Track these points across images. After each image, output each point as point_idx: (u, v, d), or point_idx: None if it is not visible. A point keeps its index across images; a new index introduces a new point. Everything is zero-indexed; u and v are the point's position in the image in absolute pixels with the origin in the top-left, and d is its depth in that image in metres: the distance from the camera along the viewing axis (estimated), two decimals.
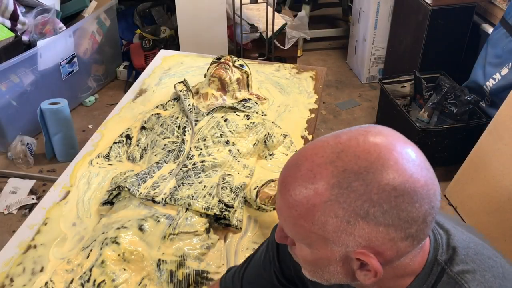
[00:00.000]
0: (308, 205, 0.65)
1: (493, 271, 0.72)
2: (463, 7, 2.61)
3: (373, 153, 0.63)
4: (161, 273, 1.23)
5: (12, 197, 2.37)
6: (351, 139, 0.66)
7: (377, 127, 0.68)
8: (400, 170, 0.63)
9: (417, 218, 0.64)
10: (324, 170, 0.64)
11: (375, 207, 0.62)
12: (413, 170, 0.64)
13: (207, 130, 1.60)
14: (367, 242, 0.64)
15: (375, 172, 0.62)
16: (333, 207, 0.64)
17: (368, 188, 0.62)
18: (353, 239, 0.65)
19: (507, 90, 2.16)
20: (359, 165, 0.63)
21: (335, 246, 0.66)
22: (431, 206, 0.65)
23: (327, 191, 0.64)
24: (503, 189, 2.00)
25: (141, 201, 1.39)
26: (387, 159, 0.63)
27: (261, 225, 1.42)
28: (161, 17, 3.46)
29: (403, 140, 0.67)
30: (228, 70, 1.79)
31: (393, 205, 0.62)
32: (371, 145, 0.64)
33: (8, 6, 2.56)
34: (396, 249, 0.66)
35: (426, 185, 0.64)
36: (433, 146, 2.40)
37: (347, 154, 0.64)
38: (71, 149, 2.57)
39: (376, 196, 0.62)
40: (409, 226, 0.64)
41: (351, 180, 0.63)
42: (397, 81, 2.72)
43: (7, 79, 2.52)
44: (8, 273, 1.27)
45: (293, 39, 3.16)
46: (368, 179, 0.62)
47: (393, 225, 0.63)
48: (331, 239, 0.66)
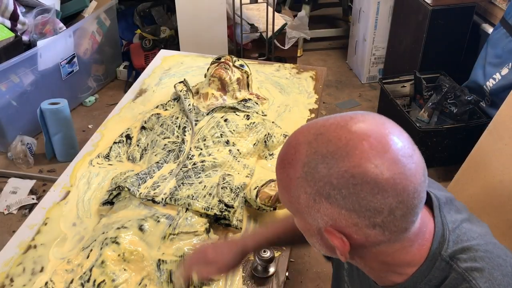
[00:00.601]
0: (287, 178, 0.71)
1: (502, 269, 0.72)
2: (463, 7, 2.61)
3: (343, 140, 0.66)
4: (161, 273, 1.23)
5: (12, 197, 2.37)
6: (333, 123, 0.69)
7: (366, 115, 0.70)
8: (363, 160, 0.65)
9: (380, 209, 0.65)
10: (302, 149, 0.69)
11: (335, 190, 0.66)
12: (379, 162, 0.65)
13: (207, 130, 1.60)
14: (332, 221, 0.68)
15: (338, 158, 0.65)
16: (303, 184, 0.69)
17: (330, 172, 0.66)
18: (320, 216, 0.69)
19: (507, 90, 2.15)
20: (328, 149, 0.67)
21: (309, 219, 0.71)
22: (398, 200, 0.65)
23: (300, 168, 0.69)
24: (503, 189, 2.00)
25: (141, 201, 1.39)
26: (353, 147, 0.65)
27: (261, 225, 1.42)
28: (161, 17, 3.46)
29: (385, 132, 0.68)
30: (228, 70, 1.79)
31: (351, 192, 0.65)
32: (345, 132, 0.67)
33: (8, 6, 2.56)
34: (363, 235, 0.68)
35: (392, 179, 0.65)
36: (433, 146, 2.40)
37: (323, 138, 0.68)
38: (71, 149, 2.57)
39: (335, 181, 0.66)
40: (373, 216, 0.66)
41: (318, 162, 0.67)
42: (397, 81, 2.73)
43: (7, 79, 2.52)
44: (8, 273, 1.27)
45: (293, 39, 3.16)
46: (331, 163, 0.66)
47: (354, 210, 0.66)
48: (305, 213, 0.71)
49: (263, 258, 1.23)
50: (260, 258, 1.23)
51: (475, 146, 2.19)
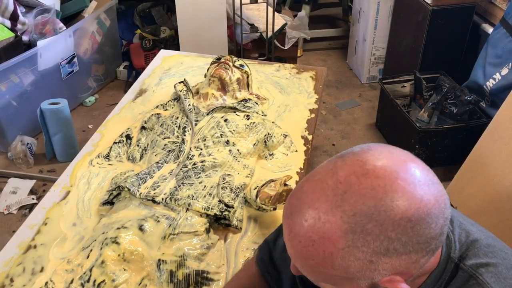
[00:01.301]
0: (324, 254, 0.63)
1: (506, 262, 0.73)
2: (463, 7, 2.61)
3: (378, 188, 0.61)
4: (161, 273, 1.23)
5: (12, 197, 2.37)
6: (349, 175, 0.63)
7: (371, 152, 0.65)
8: (410, 199, 0.61)
9: (435, 235, 0.64)
10: (333, 217, 0.62)
11: (394, 242, 0.61)
12: (422, 193, 0.62)
13: (207, 130, 1.60)
14: (392, 272, 0.64)
15: (386, 209, 0.60)
16: (352, 252, 0.62)
17: (383, 227, 0.61)
18: (378, 273, 0.64)
19: (507, 90, 2.16)
20: (368, 205, 0.61)
21: (360, 281, 0.65)
22: (445, 217, 0.65)
23: (342, 238, 0.62)
24: (503, 189, 2.00)
25: (141, 201, 1.39)
26: (394, 191, 0.61)
27: (261, 225, 1.42)
28: (161, 17, 3.46)
29: (403, 160, 0.65)
30: (228, 70, 1.79)
31: (411, 235, 0.62)
32: (373, 180, 0.61)
33: (8, 6, 2.56)
34: (419, 266, 0.66)
35: (437, 202, 0.63)
36: (433, 146, 2.40)
37: (351, 195, 0.61)
38: (71, 149, 2.57)
39: (393, 233, 0.61)
40: (429, 245, 0.64)
41: (364, 223, 0.61)
42: (397, 81, 2.72)
43: (7, 79, 2.52)
44: (8, 273, 1.27)
45: (293, 39, 3.16)
46: (381, 219, 0.60)
47: (414, 250, 0.63)
48: (355, 277, 0.65)
49: None
50: None
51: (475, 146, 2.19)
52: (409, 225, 0.61)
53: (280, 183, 1.32)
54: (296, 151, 1.69)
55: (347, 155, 0.66)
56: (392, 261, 0.63)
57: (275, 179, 1.39)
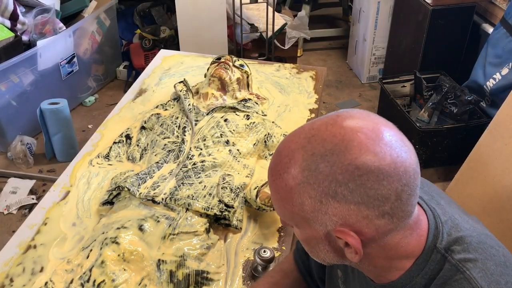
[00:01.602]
0: (286, 188, 0.70)
1: (495, 259, 0.73)
2: (463, 7, 2.61)
3: (338, 135, 0.67)
4: (161, 273, 1.23)
5: (12, 197, 2.37)
6: (322, 124, 0.70)
7: (351, 111, 0.71)
8: (363, 150, 0.65)
9: (387, 195, 0.66)
10: (297, 155, 0.69)
11: (342, 186, 0.66)
12: (378, 149, 0.66)
13: (207, 130, 1.60)
14: (342, 220, 0.68)
15: (338, 153, 0.66)
16: (306, 189, 0.68)
17: (333, 169, 0.66)
18: (329, 218, 0.68)
19: (507, 90, 2.15)
20: (325, 147, 0.67)
21: (316, 225, 0.70)
22: (403, 183, 0.67)
23: (299, 174, 0.68)
24: (503, 189, 2.00)
25: (141, 201, 1.39)
26: (350, 140, 0.66)
27: (261, 225, 1.42)
28: (161, 17, 3.46)
29: (374, 122, 0.69)
30: (228, 70, 1.79)
31: (358, 184, 0.65)
32: (338, 128, 0.68)
33: (8, 6, 2.56)
34: (374, 227, 0.68)
35: (394, 163, 0.66)
36: (433, 146, 2.40)
37: (316, 139, 0.68)
38: (71, 149, 2.57)
39: (340, 176, 0.66)
40: (382, 204, 0.66)
41: (318, 162, 0.67)
42: (397, 81, 2.73)
43: (7, 79, 2.52)
44: (8, 273, 1.27)
45: (293, 39, 3.16)
46: (332, 160, 0.66)
47: (363, 203, 0.66)
48: (311, 219, 0.70)
49: (263, 258, 1.23)
50: (260, 258, 1.23)
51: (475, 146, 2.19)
52: (356, 172, 0.65)
53: None
54: None
55: (332, 112, 0.73)
56: (341, 207, 0.67)
57: None
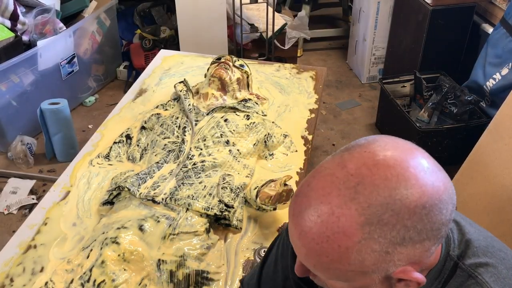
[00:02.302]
0: (340, 249, 0.62)
1: (505, 263, 0.73)
2: (463, 7, 2.61)
3: (391, 177, 0.61)
4: (161, 273, 1.23)
5: (12, 197, 2.37)
6: (360, 167, 0.62)
7: (378, 143, 0.65)
8: (423, 186, 0.61)
9: (446, 221, 0.64)
10: (347, 211, 0.61)
11: (410, 231, 0.61)
12: (433, 179, 0.63)
13: (207, 130, 1.60)
14: (407, 262, 0.64)
15: (401, 198, 0.60)
16: (369, 244, 0.61)
17: (400, 216, 0.60)
18: (393, 264, 0.63)
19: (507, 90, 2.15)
20: (382, 195, 0.60)
21: (375, 274, 0.65)
22: (453, 203, 0.65)
23: (358, 231, 0.61)
24: (503, 189, 2.00)
25: (141, 201, 1.39)
26: (407, 180, 0.61)
27: (261, 225, 1.42)
28: (161, 17, 3.46)
29: (409, 149, 0.65)
30: (228, 70, 1.79)
31: (425, 222, 0.62)
32: (385, 169, 0.61)
33: (8, 6, 2.56)
34: (430, 255, 0.66)
35: (446, 188, 0.64)
36: (433, 146, 2.40)
37: (365, 187, 0.61)
38: (71, 149, 2.57)
39: (409, 222, 0.61)
40: (440, 231, 0.64)
41: (380, 214, 0.60)
42: (397, 81, 2.72)
43: (7, 79, 2.52)
44: (8, 273, 1.27)
45: (293, 39, 3.16)
46: (396, 208, 0.60)
47: (427, 238, 0.63)
48: (370, 271, 0.64)
49: None
50: (260, 258, 1.23)
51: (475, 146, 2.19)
52: (423, 212, 0.61)
53: (280, 183, 1.32)
54: (296, 151, 1.69)
55: (353, 148, 0.66)
56: (407, 251, 0.62)
57: (275, 179, 1.39)
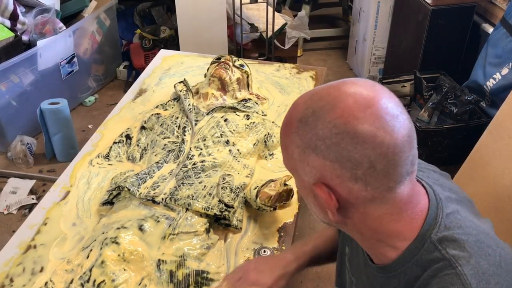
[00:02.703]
0: (285, 135, 0.77)
1: (490, 259, 0.73)
2: (463, 7, 2.61)
3: (332, 95, 0.71)
4: (161, 273, 1.23)
5: (12, 197, 2.37)
6: (327, 86, 0.74)
7: (359, 80, 0.74)
8: (345, 112, 0.69)
9: (360, 160, 0.68)
10: (299, 107, 0.75)
11: (320, 140, 0.70)
12: (360, 115, 0.68)
13: (207, 130, 1.60)
14: (319, 173, 0.72)
15: (325, 110, 0.70)
16: (296, 138, 0.73)
17: (317, 124, 0.70)
18: (309, 169, 0.73)
19: (507, 90, 2.15)
20: (318, 104, 0.72)
21: (302, 175, 0.75)
22: (377, 153, 0.68)
23: (295, 124, 0.74)
24: (503, 189, 2.00)
25: (141, 201, 1.39)
26: (339, 101, 0.70)
27: (261, 225, 1.41)
28: (161, 17, 3.46)
29: (373, 92, 0.71)
30: (228, 70, 1.79)
31: (333, 141, 0.69)
32: (335, 90, 0.72)
33: (8, 6, 2.56)
34: (347, 189, 0.71)
35: (372, 132, 0.67)
36: (433, 146, 2.40)
37: (316, 96, 0.73)
38: (71, 149, 2.57)
39: (321, 132, 0.70)
40: (354, 167, 0.69)
41: (308, 116, 0.72)
42: (397, 81, 2.72)
43: (7, 79, 2.52)
44: (8, 273, 1.27)
45: (293, 39, 3.16)
46: (318, 115, 0.70)
47: (337, 161, 0.69)
48: (298, 168, 0.75)
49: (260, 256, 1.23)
50: None
51: (475, 146, 2.19)
52: (334, 130, 0.69)
53: (280, 183, 1.32)
54: None
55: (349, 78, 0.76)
56: (318, 161, 0.71)
57: (275, 179, 1.39)
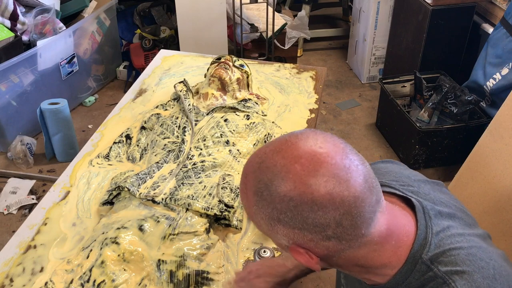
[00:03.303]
0: (247, 207, 0.75)
1: (483, 272, 0.72)
2: (463, 7, 2.61)
3: (278, 166, 0.69)
4: (161, 273, 1.23)
5: (12, 197, 2.37)
6: (271, 150, 0.71)
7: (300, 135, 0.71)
8: (297, 182, 0.67)
9: (326, 223, 0.67)
10: (250, 179, 0.73)
11: (282, 214, 0.68)
12: (312, 182, 0.66)
13: (207, 130, 1.60)
14: (292, 240, 0.71)
15: (277, 184, 0.68)
16: (258, 211, 0.72)
17: (272, 198, 0.69)
18: (281, 237, 0.71)
19: (507, 90, 2.15)
20: (268, 176, 0.69)
21: (275, 240, 0.74)
22: (341, 212, 0.67)
23: (252, 197, 0.72)
24: (503, 189, 2.00)
25: (141, 201, 1.39)
26: (287, 172, 0.68)
27: None
28: (161, 17, 3.46)
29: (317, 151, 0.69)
30: (228, 70, 1.79)
31: (295, 213, 0.68)
32: (280, 158, 0.69)
33: (8, 6, 2.56)
34: (323, 247, 0.70)
35: (329, 194, 0.66)
36: (433, 146, 2.40)
37: (263, 166, 0.71)
38: (71, 149, 2.57)
39: (279, 205, 0.68)
40: (323, 230, 0.68)
41: (262, 190, 0.70)
42: (397, 81, 2.73)
43: (7, 79, 2.52)
44: (8, 273, 1.27)
45: (293, 39, 3.16)
46: (271, 190, 0.69)
47: (305, 228, 0.68)
48: (270, 235, 0.74)
49: (263, 258, 1.23)
50: (260, 258, 1.23)
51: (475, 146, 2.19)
52: (291, 203, 0.67)
53: None
54: None
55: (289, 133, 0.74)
56: (286, 230, 0.70)
57: None
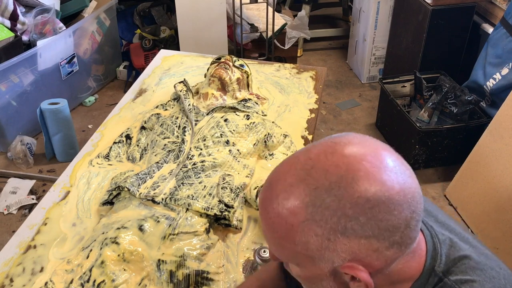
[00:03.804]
0: (287, 226, 0.65)
1: (495, 282, 0.71)
2: (463, 7, 2.61)
3: (342, 166, 0.62)
4: (161, 273, 1.23)
5: (12, 197, 2.37)
6: (319, 153, 0.65)
7: (347, 137, 0.67)
8: (371, 180, 0.62)
9: (398, 225, 0.63)
10: (297, 189, 0.64)
11: (352, 221, 0.62)
12: (386, 178, 0.62)
13: (207, 130, 1.60)
14: (351, 256, 0.64)
15: (346, 185, 0.61)
16: (311, 226, 0.63)
17: (341, 203, 0.61)
18: (337, 254, 0.64)
19: (507, 90, 2.16)
20: (329, 180, 0.62)
21: (321, 263, 0.66)
22: (412, 210, 0.64)
23: (303, 210, 0.63)
24: (503, 189, 2.00)
25: (141, 201, 1.39)
26: (356, 170, 0.62)
27: (261, 225, 1.41)
28: (161, 17, 3.46)
29: (374, 147, 0.66)
30: (228, 70, 1.79)
31: (369, 217, 0.61)
32: (339, 158, 0.63)
33: (8, 6, 2.56)
34: (383, 258, 0.65)
35: (402, 191, 0.63)
36: (433, 146, 2.40)
37: (316, 170, 0.63)
38: (71, 149, 2.57)
39: (350, 211, 0.61)
40: (392, 234, 0.63)
41: (324, 197, 0.62)
42: (397, 81, 2.73)
43: (7, 79, 2.52)
44: (8, 273, 1.27)
45: (293, 39, 3.16)
46: (339, 194, 0.61)
47: (374, 236, 0.62)
48: (316, 257, 0.65)
49: (263, 258, 1.23)
50: (260, 258, 1.23)
51: (475, 146, 2.19)
52: (367, 205, 0.61)
53: None
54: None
55: (324, 138, 0.69)
56: (350, 243, 0.63)
57: None
